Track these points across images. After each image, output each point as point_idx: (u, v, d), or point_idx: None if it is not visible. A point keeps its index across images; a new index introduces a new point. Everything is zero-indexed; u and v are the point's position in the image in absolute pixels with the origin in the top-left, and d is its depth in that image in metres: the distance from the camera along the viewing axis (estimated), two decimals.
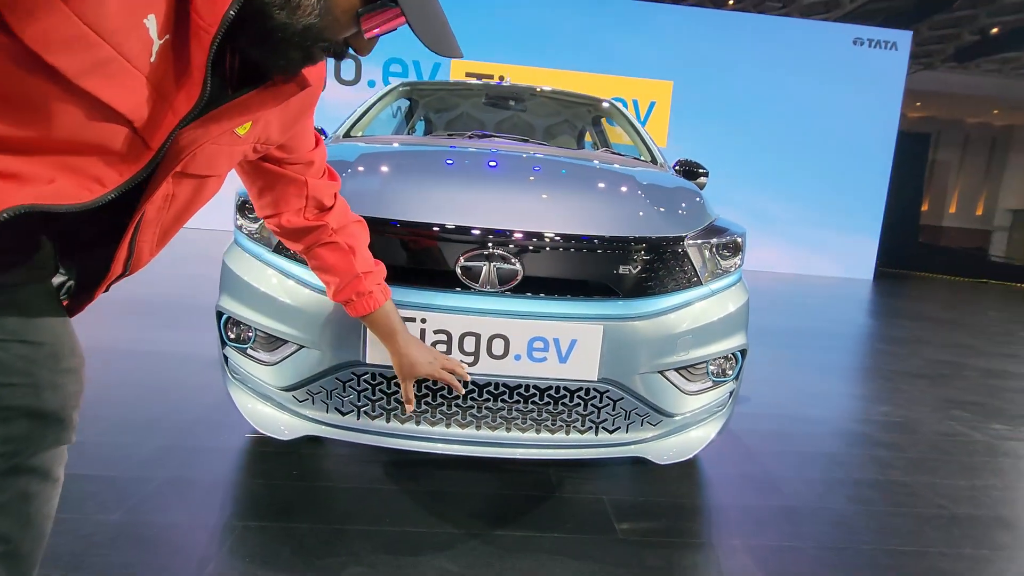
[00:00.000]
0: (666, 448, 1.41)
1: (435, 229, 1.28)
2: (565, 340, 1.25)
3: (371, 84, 9.25)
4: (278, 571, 1.15)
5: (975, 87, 14.82)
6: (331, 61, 0.73)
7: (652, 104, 9.76)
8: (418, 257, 1.30)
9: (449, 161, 1.61)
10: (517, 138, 2.25)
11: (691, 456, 1.45)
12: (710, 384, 1.45)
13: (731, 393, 1.53)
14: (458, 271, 1.27)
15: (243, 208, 1.46)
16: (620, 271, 1.32)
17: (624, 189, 1.56)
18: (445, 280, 1.28)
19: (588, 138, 3.30)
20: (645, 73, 9.66)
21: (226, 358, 1.46)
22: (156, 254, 0.73)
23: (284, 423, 1.40)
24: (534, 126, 3.22)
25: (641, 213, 1.42)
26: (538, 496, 1.51)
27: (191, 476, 1.50)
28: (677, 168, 2.34)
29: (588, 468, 1.69)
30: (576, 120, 3.25)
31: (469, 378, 1.24)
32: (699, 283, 1.41)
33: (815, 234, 10.10)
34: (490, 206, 1.33)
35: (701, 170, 2.34)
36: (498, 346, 1.24)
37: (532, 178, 1.54)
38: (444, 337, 1.24)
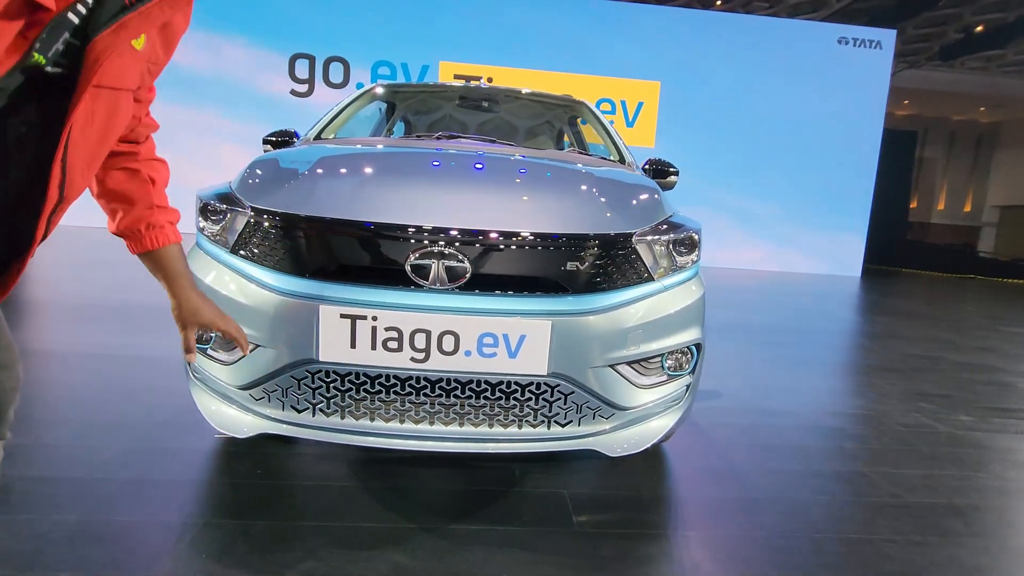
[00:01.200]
0: (619, 441, 1.44)
1: (385, 228, 1.30)
2: (514, 336, 1.27)
3: (359, 86, 9.28)
4: (233, 567, 1.17)
5: (961, 84, 14.95)
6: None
7: (640, 104, 9.81)
8: (369, 256, 1.32)
9: (401, 162, 1.63)
10: (485, 139, 2.27)
11: (644, 449, 1.48)
12: (664, 378, 1.48)
13: (688, 387, 1.55)
14: (408, 269, 1.29)
15: (205, 211, 1.48)
16: (568, 267, 1.34)
17: (575, 187, 1.59)
18: (396, 278, 1.30)
19: (566, 139, 3.33)
20: (633, 74, 9.72)
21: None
22: (89, 181, 0.78)
23: (244, 422, 1.42)
24: (515, 127, 3.24)
25: (590, 210, 1.44)
26: (499, 491, 1.53)
27: (154, 476, 1.52)
28: (646, 167, 2.36)
29: (552, 463, 1.71)
30: (555, 121, 3.27)
31: (249, 348, 1.19)
32: (650, 279, 1.43)
33: (803, 232, 10.17)
34: (439, 205, 1.35)
35: (671, 169, 2.36)
36: (448, 342, 1.27)
37: (482, 177, 1.56)
38: (395, 334, 1.26)
